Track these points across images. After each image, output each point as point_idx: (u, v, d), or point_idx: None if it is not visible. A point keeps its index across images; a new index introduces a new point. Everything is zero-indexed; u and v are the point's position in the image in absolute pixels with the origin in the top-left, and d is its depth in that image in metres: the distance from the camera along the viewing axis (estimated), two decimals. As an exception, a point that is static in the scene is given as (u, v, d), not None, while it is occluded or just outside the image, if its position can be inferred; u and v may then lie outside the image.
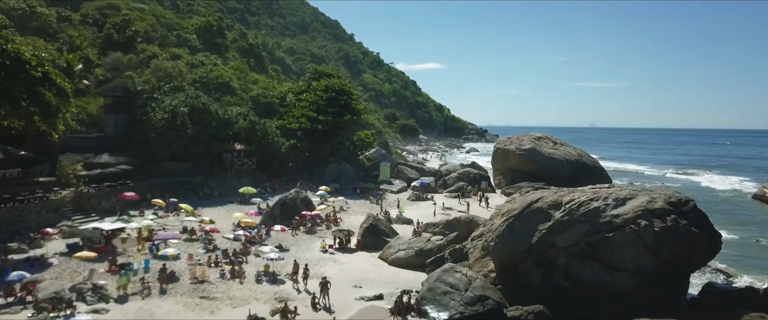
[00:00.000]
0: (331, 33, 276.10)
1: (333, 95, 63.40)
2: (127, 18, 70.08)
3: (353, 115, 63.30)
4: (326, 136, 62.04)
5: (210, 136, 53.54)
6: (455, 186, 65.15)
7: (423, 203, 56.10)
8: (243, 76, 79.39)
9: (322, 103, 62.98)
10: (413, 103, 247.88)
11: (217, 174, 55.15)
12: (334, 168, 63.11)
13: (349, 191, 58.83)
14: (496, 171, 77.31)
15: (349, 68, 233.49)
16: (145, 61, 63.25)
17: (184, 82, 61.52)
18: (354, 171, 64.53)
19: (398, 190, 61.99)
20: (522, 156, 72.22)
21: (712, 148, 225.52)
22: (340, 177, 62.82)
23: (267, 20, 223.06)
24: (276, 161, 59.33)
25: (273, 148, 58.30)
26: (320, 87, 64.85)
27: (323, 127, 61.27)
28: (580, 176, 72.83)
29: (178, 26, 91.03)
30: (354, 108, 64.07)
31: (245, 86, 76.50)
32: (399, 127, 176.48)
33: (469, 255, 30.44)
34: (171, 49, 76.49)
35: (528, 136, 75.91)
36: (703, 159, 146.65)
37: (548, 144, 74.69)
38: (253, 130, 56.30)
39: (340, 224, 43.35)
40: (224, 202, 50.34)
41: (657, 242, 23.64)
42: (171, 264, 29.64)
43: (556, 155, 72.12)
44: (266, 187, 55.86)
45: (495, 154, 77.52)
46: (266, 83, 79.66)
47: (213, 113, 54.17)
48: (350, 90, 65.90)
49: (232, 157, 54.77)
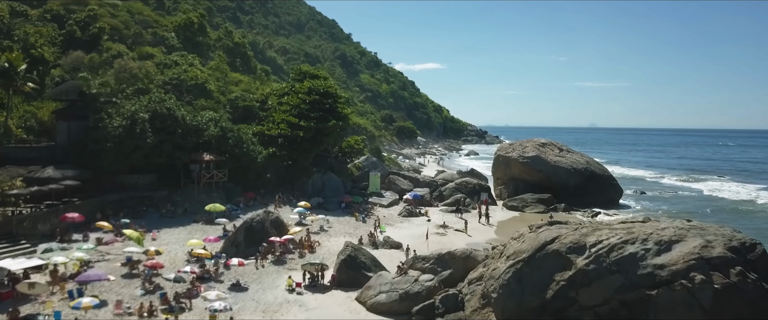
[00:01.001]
0: (328, 32, 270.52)
1: (317, 98, 57.23)
2: (93, 14, 63.90)
3: (339, 120, 57.10)
4: (309, 144, 55.86)
5: (174, 146, 47.40)
6: (452, 199, 59.06)
7: (415, 220, 49.98)
8: (222, 77, 73.30)
9: (305, 107, 56.86)
10: (411, 103, 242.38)
11: (184, 188, 49.03)
12: (317, 179, 56.98)
13: (334, 205, 52.72)
14: (497, 181, 71.20)
15: (346, 68, 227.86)
16: (108, 60, 57.15)
17: (152, 84, 55.42)
18: (340, 183, 58.39)
19: (389, 204, 55.86)
20: (525, 164, 66.16)
21: (716, 150, 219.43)
22: (325, 189, 56.69)
23: (261, 19, 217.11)
24: (252, 172, 53.22)
25: (248, 157, 52.18)
26: (303, 89, 58.75)
27: (305, 134, 55.11)
28: (588, 186, 66.83)
29: (156, 24, 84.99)
30: (340, 112, 57.88)
31: (225, 88, 70.42)
32: (396, 129, 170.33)
33: (466, 303, 24.35)
34: (143, 48, 70.51)
35: (531, 142, 69.81)
36: (712, 163, 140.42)
37: (553, 151, 68.59)
38: (224, 137, 50.17)
39: (316, 250, 37.26)
40: (188, 221, 44.22)
41: (717, 304, 17.57)
42: (92, 315, 23.62)
43: (562, 163, 66.07)
44: (239, 203, 49.74)
45: (496, 162, 71.45)
46: (249, 85, 73.54)
47: (179, 119, 48.07)
48: (336, 92, 59.66)
49: (199, 168, 48.65)
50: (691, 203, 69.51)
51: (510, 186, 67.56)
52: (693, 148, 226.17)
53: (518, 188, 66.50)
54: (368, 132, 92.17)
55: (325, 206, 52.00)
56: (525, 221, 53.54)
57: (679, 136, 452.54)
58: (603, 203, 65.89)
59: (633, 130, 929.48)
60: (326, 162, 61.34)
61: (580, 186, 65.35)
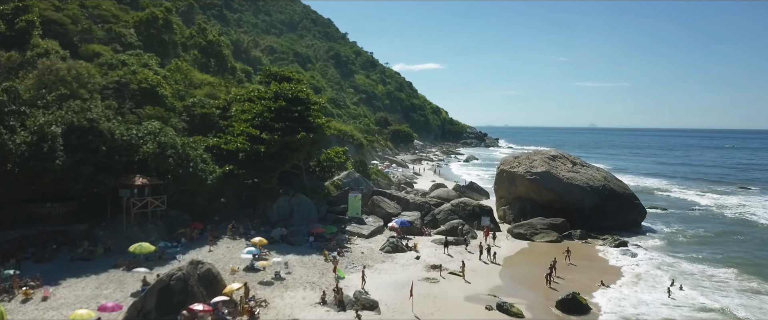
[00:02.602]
0: (323, 32, 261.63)
1: (284, 105, 47.43)
2: (23, 5, 54.06)
3: (310, 131, 47.24)
4: (272, 161, 46.04)
5: (97, 167, 37.66)
6: (447, 225, 49.37)
7: (401, 258, 40.13)
8: (183, 79, 63.55)
9: (269, 116, 47.12)
10: (408, 105, 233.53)
11: (111, 220, 39.29)
12: (284, 203, 47.20)
13: (302, 238, 42.95)
14: (500, 200, 61.42)
15: (340, 69, 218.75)
16: (32, 60, 47.43)
17: (84, 89, 45.66)
18: (313, 207, 48.65)
19: (370, 233, 46.07)
20: (533, 182, 56.48)
21: (724, 154, 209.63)
22: (293, 215, 46.94)
23: (250, 17, 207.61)
24: (201, 197, 43.45)
25: (195, 179, 42.40)
26: (268, 94, 49.02)
27: (268, 149, 45.30)
28: (607, 207, 56.96)
29: (115, 19, 75.22)
30: (312, 122, 48.03)
31: (185, 92, 60.65)
32: (390, 133, 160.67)
33: None
34: (90, 46, 60.79)
35: (540, 155, 60.06)
36: (726, 170, 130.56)
37: (566, 165, 58.85)
38: (162, 155, 40.37)
39: (259, 317, 27.51)
40: (108, 265, 34.48)
41: None
42: None
43: (576, 180, 56.36)
44: (180, 237, 40.01)
45: (499, 178, 61.65)
46: (214, 88, 63.74)
47: (104, 133, 38.30)
48: (309, 98, 49.76)
49: (130, 194, 38.88)
50: (722, 224, 60.08)
51: (515, 206, 57.88)
52: (700, 152, 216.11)
53: (525, 209, 56.87)
54: (355, 140, 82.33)
55: (291, 239, 42.24)
56: (536, 255, 43.82)
57: (681, 137, 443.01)
58: (624, 227, 56.40)
59: (633, 130, 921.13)
60: (298, 181, 51.62)
61: (598, 207, 55.68)
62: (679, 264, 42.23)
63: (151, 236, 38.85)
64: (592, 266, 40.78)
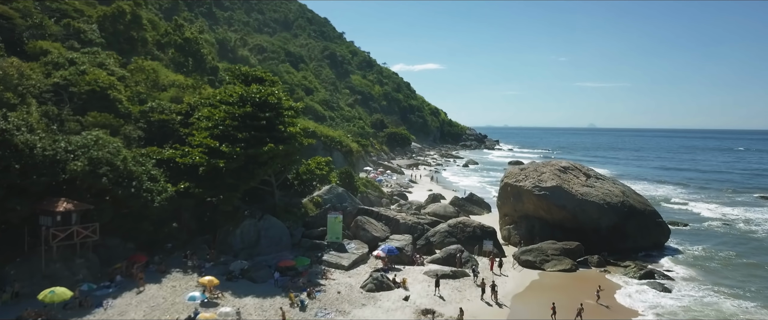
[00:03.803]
0: (318, 31, 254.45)
1: (249, 111, 40.05)
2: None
3: (280, 142, 39.82)
4: (234, 177, 38.65)
5: (8, 189, 30.34)
6: (443, 251, 42.10)
7: (385, 299, 32.70)
8: (145, 80, 56.19)
9: (232, 124, 39.78)
10: (406, 106, 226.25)
11: (29, 255, 31.94)
12: (249, 227, 39.77)
13: (270, 272, 35.58)
14: (504, 218, 54.10)
15: (335, 69, 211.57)
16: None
17: (9, 93, 38.32)
18: (285, 230, 41.31)
19: (351, 264, 38.70)
20: (543, 198, 49.21)
21: (732, 156, 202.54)
22: (260, 241, 39.57)
23: (242, 16, 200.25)
24: (147, 221, 36.07)
25: (140, 200, 35.05)
26: (232, 98, 41.65)
27: (229, 164, 37.91)
28: (627, 226, 49.51)
29: (77, 14, 67.91)
30: (283, 131, 40.57)
31: (148, 95, 53.27)
32: (386, 136, 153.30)
33: None
34: (37, 42, 53.48)
35: (549, 167, 52.75)
36: (742, 177, 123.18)
37: (579, 178, 51.58)
38: (94, 173, 33.01)
39: None
40: (13, 315, 27.21)
41: None
42: None
43: (591, 196, 49.08)
44: (114, 275, 32.67)
45: (503, 193, 54.31)
46: (181, 91, 56.34)
47: (18, 148, 30.97)
48: (280, 102, 42.32)
49: (52, 222, 31.55)
50: (755, 244, 53.03)
51: (522, 226, 50.64)
52: (707, 155, 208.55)
53: (533, 229, 49.65)
54: (343, 146, 74.91)
55: (254, 274, 34.84)
56: (550, 291, 36.22)
57: (683, 138, 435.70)
58: (646, 248, 49.29)
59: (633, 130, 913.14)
60: (270, 198, 44.27)
61: (617, 226, 48.44)
62: (721, 303, 35.13)
63: (79, 274, 31.66)
64: (616, 306, 33.58)
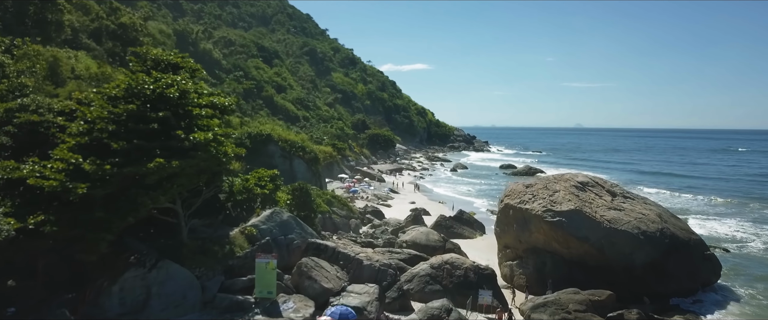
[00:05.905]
0: (299, 27, 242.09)
1: (134, 110, 26.91)
2: None
3: (178, 155, 26.55)
4: (105, 209, 25.45)
5: None
6: (423, 311, 29.25)
7: None
8: (31, 69, 42.75)
9: (111, 129, 26.58)
10: (391, 106, 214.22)
11: None
12: (134, 281, 26.42)
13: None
14: (505, 251, 41.16)
15: (315, 66, 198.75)
16: None
17: None
18: (194, 282, 27.94)
19: (281, 339, 25.70)
20: (558, 226, 36.37)
21: (738, 159, 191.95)
22: (149, 302, 26.35)
23: (213, 9, 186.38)
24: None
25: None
26: (114, 90, 28.47)
27: (93, 189, 24.72)
28: (668, 264, 37.00)
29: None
30: (183, 138, 27.18)
31: (34, 89, 39.77)
32: (367, 138, 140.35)
33: None
34: None
35: (563, 183, 39.91)
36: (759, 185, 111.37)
37: (603, 198, 38.89)
38: None
39: None
40: None
41: None
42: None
43: (622, 223, 36.36)
44: None
45: (503, 218, 41.24)
46: (81, 85, 43.02)
47: None
48: (190, 97, 29.22)
49: None
50: None
51: (529, 263, 37.89)
52: (709, 157, 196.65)
53: (544, 268, 36.97)
54: (307, 153, 61.86)
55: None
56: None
57: (678, 139, 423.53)
58: (692, 292, 37.00)
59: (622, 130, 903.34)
60: (178, 235, 30.99)
61: (655, 263, 35.80)
62: None
63: None
64: None
